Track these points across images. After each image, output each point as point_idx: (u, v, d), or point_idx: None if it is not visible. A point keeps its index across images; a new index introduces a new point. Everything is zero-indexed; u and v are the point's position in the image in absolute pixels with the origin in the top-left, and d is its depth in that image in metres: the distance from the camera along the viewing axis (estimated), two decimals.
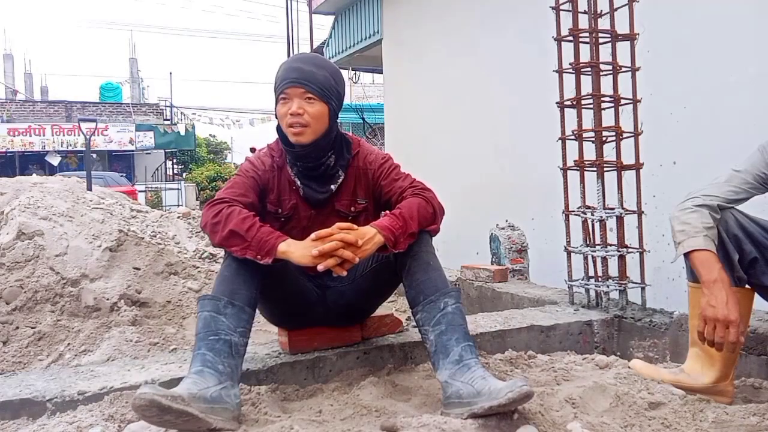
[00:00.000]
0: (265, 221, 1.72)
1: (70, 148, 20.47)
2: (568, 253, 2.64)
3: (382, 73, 6.92)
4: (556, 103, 2.64)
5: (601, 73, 2.54)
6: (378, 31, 6.80)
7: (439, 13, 5.50)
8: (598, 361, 1.94)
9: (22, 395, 1.58)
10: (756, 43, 2.88)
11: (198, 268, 3.65)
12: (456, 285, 3.44)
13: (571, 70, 2.56)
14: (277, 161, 1.86)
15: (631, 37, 2.52)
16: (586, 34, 2.54)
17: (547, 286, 3.13)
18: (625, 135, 2.52)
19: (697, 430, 1.47)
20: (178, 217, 4.59)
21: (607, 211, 2.49)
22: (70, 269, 3.20)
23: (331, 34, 8.15)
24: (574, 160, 2.58)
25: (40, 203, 3.57)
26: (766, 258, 1.64)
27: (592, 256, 2.57)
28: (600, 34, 2.54)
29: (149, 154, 22.33)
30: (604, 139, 2.53)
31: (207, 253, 3.96)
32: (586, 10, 2.56)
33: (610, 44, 2.53)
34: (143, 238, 3.61)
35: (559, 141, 2.64)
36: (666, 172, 3.19)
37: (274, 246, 1.60)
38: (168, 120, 23.44)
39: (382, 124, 7.53)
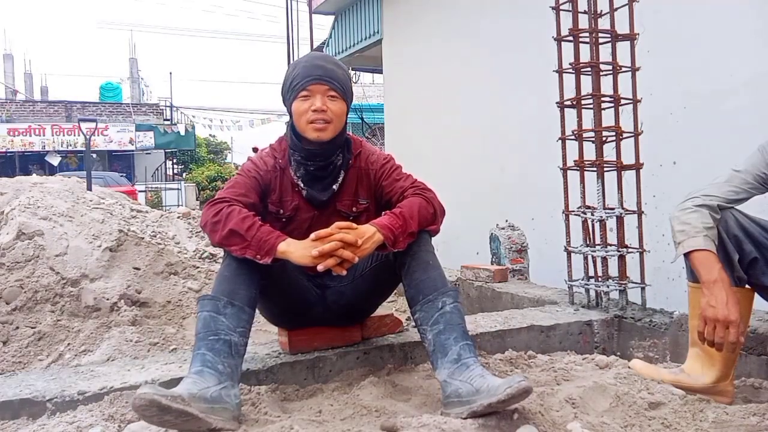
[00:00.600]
0: (266, 221, 1.71)
1: (70, 148, 20.47)
2: (568, 253, 2.64)
3: (382, 73, 6.92)
4: (556, 103, 2.64)
5: (601, 73, 2.54)
6: (378, 31, 6.80)
7: (439, 13, 5.50)
8: (598, 361, 1.94)
9: (22, 395, 1.58)
10: (756, 43, 2.88)
11: (198, 268, 3.65)
12: (456, 285, 3.44)
13: (571, 70, 2.56)
14: (280, 162, 1.86)
15: (631, 37, 2.52)
16: (586, 34, 2.54)
17: (547, 286, 3.13)
18: (625, 135, 2.52)
19: (697, 430, 1.47)
20: (178, 217, 4.59)
21: (607, 211, 2.49)
22: (70, 269, 3.20)
23: (331, 34, 8.15)
24: (574, 160, 2.58)
25: (40, 203, 3.57)
26: (766, 258, 1.64)
27: (592, 256, 2.57)
28: (600, 34, 2.54)
29: (149, 154, 22.33)
30: (604, 139, 2.53)
31: (207, 253, 3.96)
32: (586, 10, 2.56)
33: (610, 44, 2.53)
34: (143, 238, 3.62)
35: (559, 141, 2.64)
36: (666, 172, 3.19)
37: (274, 246, 1.60)
38: (168, 120, 23.44)
39: (382, 124, 7.54)
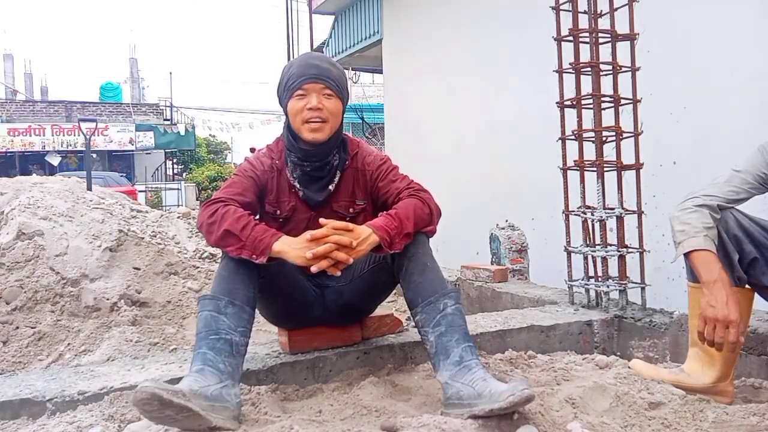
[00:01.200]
0: (263, 222, 1.71)
1: (70, 148, 20.47)
2: (568, 253, 2.64)
3: (382, 73, 6.92)
4: (556, 103, 2.63)
5: (601, 73, 2.54)
6: (378, 31, 6.80)
7: (439, 13, 5.50)
8: (598, 361, 1.94)
9: (22, 395, 1.58)
10: (756, 43, 2.88)
11: (198, 268, 3.65)
12: (456, 285, 3.44)
13: (571, 70, 2.56)
14: (277, 162, 1.86)
15: (631, 37, 2.52)
16: (586, 34, 2.54)
17: (547, 286, 3.13)
18: (625, 135, 2.52)
19: (697, 430, 1.47)
20: (178, 217, 4.59)
21: (607, 211, 2.49)
22: (70, 269, 3.20)
23: (331, 34, 8.15)
24: (574, 160, 2.58)
25: (40, 203, 3.57)
26: (766, 258, 1.64)
27: (592, 256, 2.57)
28: (600, 34, 2.54)
29: (149, 154, 22.34)
30: (604, 139, 2.53)
31: (207, 253, 3.96)
32: (586, 10, 2.56)
33: (610, 44, 2.53)
34: (143, 238, 3.62)
35: (559, 141, 2.64)
36: (666, 172, 3.19)
37: (269, 245, 1.60)
38: (168, 120, 23.44)
39: (382, 124, 7.54)
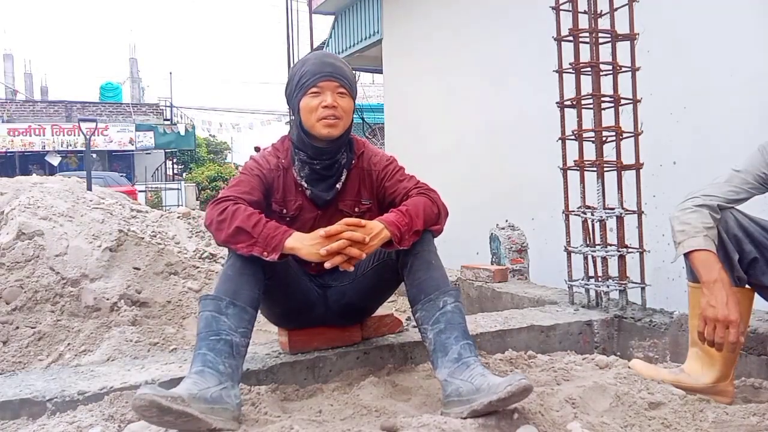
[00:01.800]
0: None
1: (70, 148, 20.46)
2: (568, 253, 2.64)
3: (382, 73, 6.92)
4: (556, 103, 2.63)
5: (601, 73, 2.54)
6: (378, 31, 6.81)
7: (439, 13, 5.50)
8: (598, 361, 1.94)
9: (22, 395, 1.58)
10: (756, 43, 2.88)
11: (198, 268, 3.65)
12: (456, 285, 3.44)
13: (571, 70, 2.56)
14: (283, 161, 1.86)
15: (631, 37, 2.52)
16: (586, 34, 2.54)
17: (547, 286, 3.13)
18: (625, 135, 2.52)
19: (697, 430, 1.47)
20: (178, 217, 4.58)
21: (607, 211, 2.49)
22: (70, 269, 3.20)
23: (331, 34, 8.15)
24: (574, 160, 2.58)
25: (40, 203, 3.57)
26: (766, 258, 1.64)
27: (592, 256, 2.57)
28: (600, 34, 2.54)
29: (149, 154, 22.33)
30: (604, 139, 2.53)
31: (207, 253, 3.96)
32: (586, 10, 2.56)
33: (610, 44, 2.53)
34: (143, 238, 3.61)
35: (559, 141, 2.64)
36: (666, 172, 3.20)
37: (281, 241, 1.60)
38: (168, 120, 23.43)
39: (382, 124, 7.54)
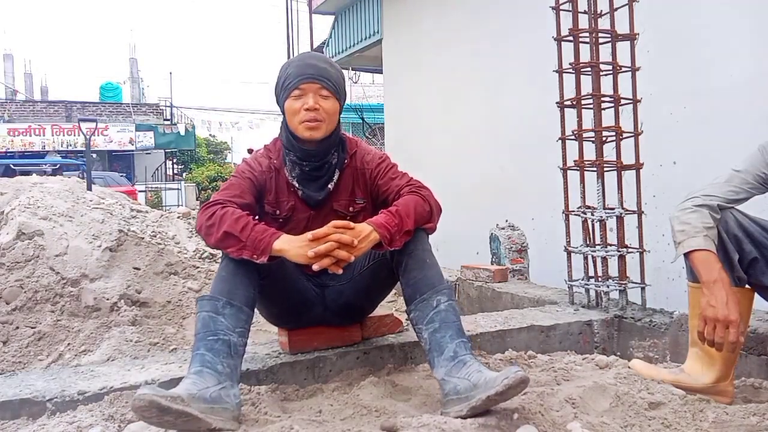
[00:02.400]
0: (262, 222, 1.71)
1: (70, 148, 20.46)
2: (568, 253, 2.64)
3: (382, 73, 6.92)
4: (556, 103, 2.63)
5: (601, 73, 2.54)
6: (378, 31, 6.80)
7: (439, 13, 5.50)
8: (598, 361, 1.94)
9: (22, 395, 1.58)
10: (755, 43, 2.88)
11: (198, 268, 3.65)
12: (456, 285, 3.44)
13: (571, 70, 2.56)
14: (275, 162, 1.86)
15: (631, 37, 2.52)
16: (586, 34, 2.54)
17: (547, 286, 3.13)
18: (625, 135, 2.52)
19: (697, 430, 1.47)
20: (178, 217, 4.58)
21: (607, 211, 2.49)
22: (70, 269, 3.20)
23: (331, 34, 8.14)
24: (574, 160, 2.58)
25: (40, 203, 3.57)
26: (766, 258, 1.64)
27: (592, 256, 2.57)
28: (600, 34, 2.54)
29: (149, 154, 22.33)
30: (604, 139, 2.53)
31: (207, 253, 3.96)
32: (586, 10, 2.56)
33: (610, 44, 2.53)
34: (143, 238, 3.61)
35: (559, 141, 2.64)
36: (666, 172, 3.19)
37: (269, 244, 1.60)
38: (168, 120, 23.43)
39: (382, 124, 7.54)
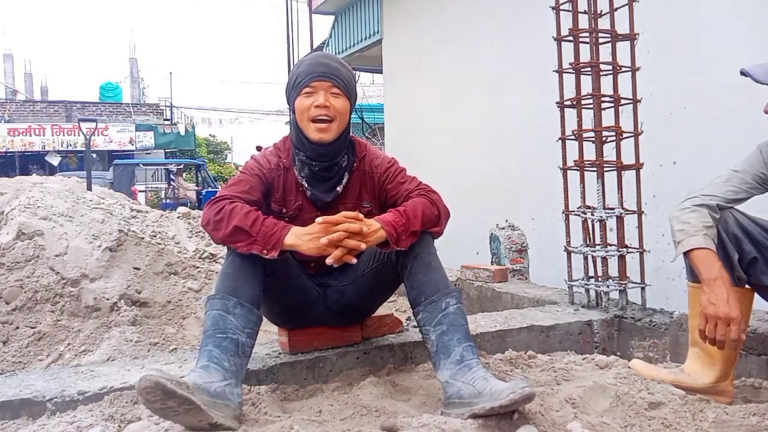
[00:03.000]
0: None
1: (70, 148, 20.45)
2: (568, 253, 2.64)
3: (382, 73, 6.92)
4: (556, 103, 2.63)
5: (601, 73, 2.54)
6: (378, 31, 6.80)
7: (439, 13, 5.50)
8: (598, 361, 1.94)
9: (22, 395, 1.58)
10: (756, 43, 2.88)
11: (198, 268, 3.65)
12: (456, 285, 3.44)
13: (571, 70, 2.56)
14: (284, 161, 1.85)
15: (631, 37, 2.52)
16: (586, 34, 2.54)
17: (547, 286, 3.13)
18: (625, 135, 2.52)
19: (697, 430, 1.47)
20: (178, 217, 4.58)
21: (607, 211, 2.49)
22: (70, 269, 3.20)
23: (331, 34, 8.14)
24: (574, 160, 2.58)
25: (40, 203, 3.57)
26: (766, 258, 1.64)
27: (592, 256, 2.57)
28: (600, 34, 2.54)
29: (149, 154, 22.32)
30: (604, 139, 2.53)
31: (207, 253, 3.96)
32: (586, 10, 2.56)
33: (610, 44, 2.53)
34: (143, 238, 3.61)
35: (559, 141, 2.64)
36: (666, 172, 3.19)
37: (280, 239, 1.60)
38: (168, 120, 23.43)
39: (382, 124, 7.54)
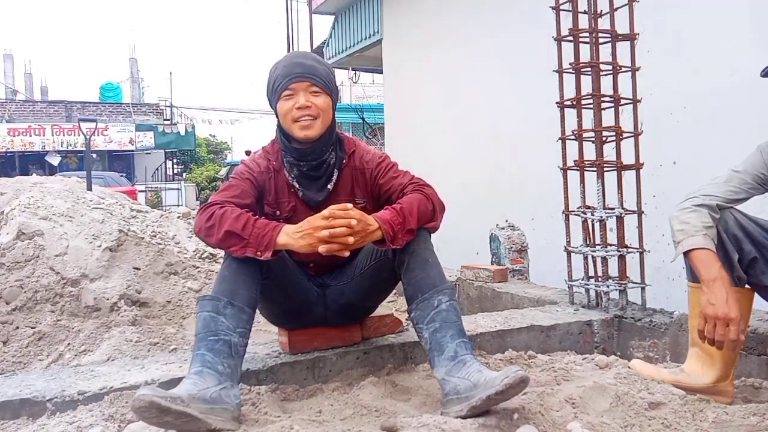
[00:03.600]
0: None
1: (70, 148, 20.47)
2: (568, 253, 2.64)
3: (382, 73, 6.92)
4: (556, 103, 2.63)
5: (601, 73, 2.54)
6: (378, 31, 6.81)
7: (439, 13, 5.50)
8: (598, 361, 1.94)
9: (22, 395, 1.58)
10: (755, 43, 2.88)
11: (198, 268, 3.65)
12: (456, 285, 3.44)
13: (571, 70, 2.56)
14: (273, 164, 1.85)
15: (631, 37, 2.52)
16: (586, 34, 2.54)
17: (547, 286, 3.13)
18: (625, 135, 2.52)
19: (697, 430, 1.47)
20: (178, 217, 4.58)
21: (607, 211, 2.49)
22: (70, 269, 3.20)
23: (331, 34, 8.15)
24: (574, 160, 2.58)
25: (40, 203, 3.57)
26: (766, 258, 1.64)
27: (592, 256, 2.57)
28: (600, 34, 2.54)
29: (149, 154, 22.33)
30: (604, 139, 2.53)
31: (207, 253, 3.96)
32: (586, 10, 2.56)
33: (610, 44, 2.53)
34: (143, 238, 3.61)
35: (559, 141, 2.64)
36: (666, 172, 3.20)
37: (272, 239, 1.60)
38: (168, 120, 23.44)
39: (382, 124, 7.54)
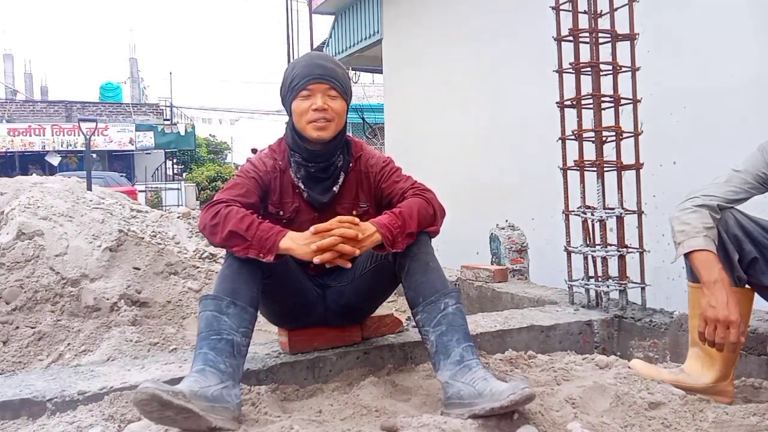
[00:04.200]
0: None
1: (70, 148, 20.46)
2: (568, 253, 2.64)
3: (382, 73, 6.92)
4: (556, 103, 2.63)
5: (601, 73, 2.54)
6: (378, 31, 6.81)
7: (440, 13, 5.50)
8: (598, 361, 1.94)
9: (22, 395, 1.58)
10: (756, 43, 2.88)
11: (198, 268, 3.65)
12: (456, 285, 3.44)
13: (571, 70, 2.56)
14: (280, 163, 1.85)
15: (631, 37, 2.52)
16: (586, 34, 2.54)
17: (547, 286, 3.13)
18: (625, 135, 2.52)
19: (697, 430, 1.47)
20: (178, 217, 4.59)
21: (607, 211, 2.49)
22: (70, 269, 3.20)
23: (331, 34, 8.15)
24: (574, 160, 2.58)
25: (40, 203, 3.57)
26: (766, 258, 1.64)
27: (592, 256, 2.57)
28: (600, 34, 2.54)
29: (149, 154, 22.32)
30: (604, 139, 2.53)
31: (207, 253, 3.96)
32: (586, 10, 2.56)
33: (610, 44, 2.53)
34: (143, 238, 3.61)
35: (559, 141, 2.64)
36: (666, 172, 3.19)
37: (276, 243, 1.60)
38: (168, 120, 23.44)
39: (382, 124, 7.53)
